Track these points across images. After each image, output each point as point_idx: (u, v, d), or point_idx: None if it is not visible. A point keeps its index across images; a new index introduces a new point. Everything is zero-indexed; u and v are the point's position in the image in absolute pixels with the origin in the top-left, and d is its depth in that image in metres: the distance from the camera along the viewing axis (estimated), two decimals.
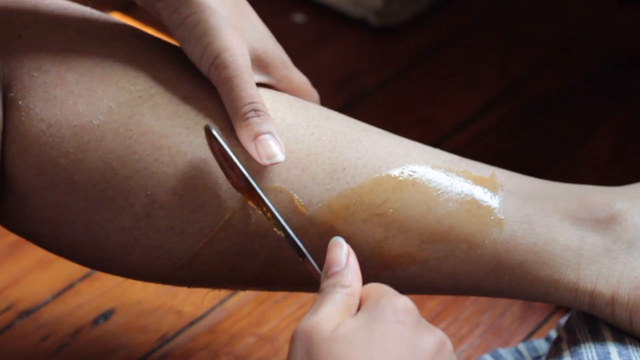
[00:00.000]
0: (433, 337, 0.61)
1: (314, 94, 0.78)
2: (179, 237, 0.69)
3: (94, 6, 0.74)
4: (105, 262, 0.71)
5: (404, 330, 0.60)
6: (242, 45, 0.70)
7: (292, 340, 0.61)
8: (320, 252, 0.67)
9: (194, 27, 0.69)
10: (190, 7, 0.69)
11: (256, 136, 0.67)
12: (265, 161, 0.67)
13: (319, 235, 0.69)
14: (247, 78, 0.69)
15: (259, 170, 0.68)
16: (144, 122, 0.68)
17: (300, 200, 0.68)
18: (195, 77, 0.70)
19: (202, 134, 0.67)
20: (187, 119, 0.68)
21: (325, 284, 0.64)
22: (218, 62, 0.68)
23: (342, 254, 0.65)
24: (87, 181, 0.68)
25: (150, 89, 0.69)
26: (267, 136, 0.67)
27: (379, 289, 0.64)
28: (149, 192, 0.68)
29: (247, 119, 0.67)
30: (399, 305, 0.61)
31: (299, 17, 1.33)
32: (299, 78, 0.77)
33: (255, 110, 0.68)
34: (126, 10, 1.20)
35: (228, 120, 0.68)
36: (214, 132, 0.66)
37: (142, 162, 0.67)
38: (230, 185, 0.67)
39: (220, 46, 0.69)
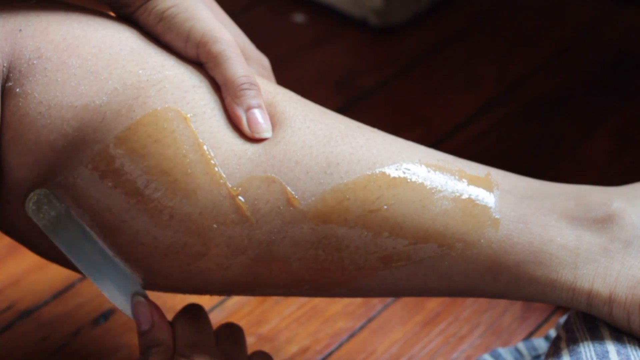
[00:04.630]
0: None
1: None
2: (167, 222, 0.68)
3: (93, 6, 0.74)
4: None
5: None
6: (224, 28, 0.70)
7: None
8: (315, 249, 0.68)
9: (175, 17, 0.69)
10: (166, 2, 0.70)
11: (249, 108, 0.68)
12: (254, 135, 0.68)
13: (312, 230, 0.69)
14: (238, 52, 0.69)
15: (254, 159, 0.68)
16: (149, 104, 0.67)
17: (293, 192, 0.68)
18: (205, 70, 0.71)
19: (209, 122, 0.68)
20: (194, 107, 0.68)
21: (142, 345, 0.69)
22: (206, 40, 0.69)
23: (147, 312, 0.69)
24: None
25: (158, 74, 0.68)
26: (258, 110, 0.68)
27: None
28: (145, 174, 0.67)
29: (243, 90, 0.68)
30: None
31: (299, 17, 1.33)
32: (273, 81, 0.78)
33: (250, 82, 0.68)
34: None
35: None
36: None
37: (139, 143, 0.67)
38: (225, 169, 0.67)
39: (205, 27, 0.69)
